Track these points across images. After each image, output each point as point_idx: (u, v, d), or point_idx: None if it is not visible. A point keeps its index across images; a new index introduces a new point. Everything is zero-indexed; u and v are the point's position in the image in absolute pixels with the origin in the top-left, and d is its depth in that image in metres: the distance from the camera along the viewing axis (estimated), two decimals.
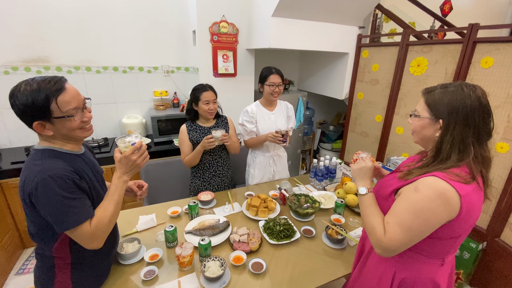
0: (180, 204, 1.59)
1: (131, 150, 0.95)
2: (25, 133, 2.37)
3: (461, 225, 0.75)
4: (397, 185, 0.83)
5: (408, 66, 2.14)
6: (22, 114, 0.79)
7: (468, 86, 0.76)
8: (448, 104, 0.76)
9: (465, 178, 0.73)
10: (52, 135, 0.85)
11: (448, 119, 0.76)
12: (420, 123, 0.83)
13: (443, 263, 0.83)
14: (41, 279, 0.92)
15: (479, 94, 0.74)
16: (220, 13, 2.31)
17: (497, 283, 1.77)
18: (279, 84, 1.74)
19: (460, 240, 0.80)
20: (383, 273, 0.89)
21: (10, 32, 2.12)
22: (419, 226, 0.73)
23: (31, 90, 0.77)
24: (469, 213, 0.73)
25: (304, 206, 1.48)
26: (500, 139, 1.65)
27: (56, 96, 0.80)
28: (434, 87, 0.83)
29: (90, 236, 0.84)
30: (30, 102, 0.77)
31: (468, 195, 0.72)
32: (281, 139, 1.69)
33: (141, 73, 2.62)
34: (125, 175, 0.96)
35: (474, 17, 4.23)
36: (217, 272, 1.05)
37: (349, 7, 2.22)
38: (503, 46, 1.59)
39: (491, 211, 1.75)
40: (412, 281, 0.84)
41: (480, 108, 0.74)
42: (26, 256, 2.10)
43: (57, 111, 0.81)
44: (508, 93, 1.59)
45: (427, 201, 0.72)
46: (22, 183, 0.81)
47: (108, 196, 0.92)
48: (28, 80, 0.80)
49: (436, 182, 0.72)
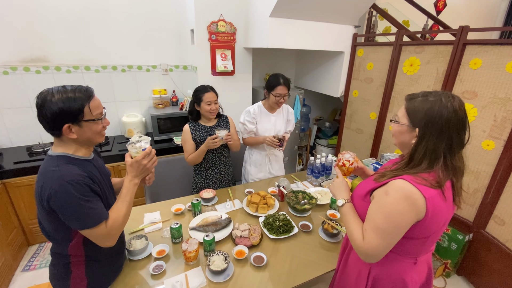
0: (183, 202, 1.66)
1: (142, 155, 1.01)
2: (25, 132, 2.39)
3: (429, 226, 0.79)
4: (371, 187, 0.88)
5: (402, 65, 2.21)
6: (55, 119, 0.85)
7: (447, 97, 0.77)
8: (425, 113, 0.78)
9: (431, 182, 0.77)
10: (74, 139, 0.91)
11: (424, 129, 0.78)
12: (399, 129, 0.86)
13: (415, 261, 0.88)
14: (57, 275, 0.99)
15: (457, 107, 0.76)
16: (218, 12, 2.34)
17: (482, 271, 1.89)
18: (285, 95, 1.77)
19: (430, 241, 0.85)
20: (361, 269, 0.96)
21: (9, 32, 2.12)
22: (392, 229, 0.77)
23: (67, 96, 0.86)
24: (435, 215, 0.77)
25: (302, 203, 1.56)
26: (486, 137, 1.74)
27: (89, 101, 0.89)
28: (416, 95, 0.84)
29: (106, 236, 0.91)
30: (67, 106, 0.85)
31: (433, 198, 0.76)
32: (278, 143, 1.75)
33: (140, 72, 2.64)
34: (136, 178, 1.02)
35: (467, 13, 4.31)
36: (221, 266, 1.12)
37: (345, 7, 2.27)
38: (491, 48, 1.67)
39: (477, 204, 1.86)
40: (384, 277, 0.90)
41: (456, 121, 0.75)
42: (31, 253, 2.15)
43: (88, 114, 0.90)
44: (494, 93, 1.68)
45: (395, 203, 0.76)
46: (39, 188, 0.85)
47: (121, 198, 0.99)
48: (58, 88, 0.87)
49: (403, 185, 0.77)
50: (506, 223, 1.71)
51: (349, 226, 0.90)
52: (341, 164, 1.13)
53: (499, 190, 1.71)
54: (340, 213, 0.97)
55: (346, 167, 1.12)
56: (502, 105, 1.65)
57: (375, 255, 0.82)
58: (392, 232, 0.78)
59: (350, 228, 0.89)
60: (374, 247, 0.80)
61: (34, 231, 2.19)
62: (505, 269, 1.72)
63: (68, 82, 2.54)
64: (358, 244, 0.84)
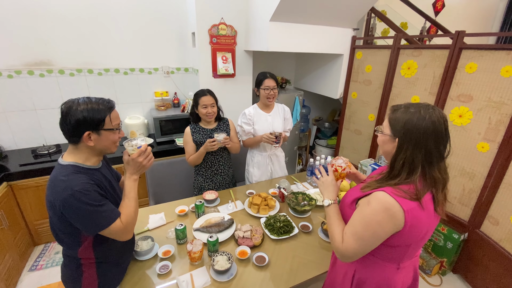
0: (186, 203, 1.71)
1: (137, 153, 1.05)
2: (29, 134, 2.43)
3: (408, 236, 0.82)
4: (357, 195, 0.92)
5: (399, 68, 2.25)
6: (78, 125, 0.92)
7: (427, 109, 0.80)
8: (404, 124, 0.81)
9: (411, 195, 0.79)
10: (91, 147, 0.97)
11: (403, 139, 0.81)
12: (382, 138, 0.90)
13: (398, 267, 0.92)
14: (70, 276, 1.04)
15: (435, 119, 0.78)
16: (218, 16, 2.37)
17: (477, 270, 1.94)
18: (274, 88, 1.84)
19: (412, 248, 0.88)
20: (347, 271, 1.01)
21: (13, 37, 2.16)
22: (369, 237, 0.82)
23: (91, 107, 0.94)
24: (414, 226, 0.80)
25: (302, 204, 1.61)
26: (481, 139, 1.79)
27: (110, 112, 0.98)
28: (399, 106, 0.87)
29: (124, 230, 0.98)
30: (91, 115, 0.93)
31: (412, 210, 0.79)
32: (274, 140, 1.79)
33: (142, 74, 2.68)
34: (134, 175, 1.07)
35: (465, 13, 4.34)
36: (225, 266, 1.17)
37: (344, 11, 2.30)
38: (486, 53, 1.71)
39: (472, 204, 1.91)
40: (367, 280, 0.95)
41: (433, 132, 0.77)
42: (37, 253, 2.20)
43: (109, 123, 0.98)
44: (489, 97, 1.72)
45: (375, 214, 0.80)
46: (51, 197, 0.90)
47: (125, 195, 1.04)
48: (83, 99, 0.95)
49: (384, 197, 0.80)
50: (500, 223, 1.76)
51: (331, 227, 0.95)
52: (334, 170, 1.14)
53: (493, 191, 1.76)
54: (325, 212, 1.02)
55: (338, 172, 1.15)
56: (496, 108, 1.70)
57: (351, 257, 0.88)
58: (369, 240, 0.83)
59: (331, 229, 0.94)
60: (350, 251, 0.86)
61: (40, 231, 2.24)
62: (499, 267, 1.78)
63: (72, 85, 2.58)
64: (337, 246, 0.90)
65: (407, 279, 0.98)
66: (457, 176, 1.96)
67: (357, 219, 0.86)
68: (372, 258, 0.93)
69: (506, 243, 1.74)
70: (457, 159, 1.94)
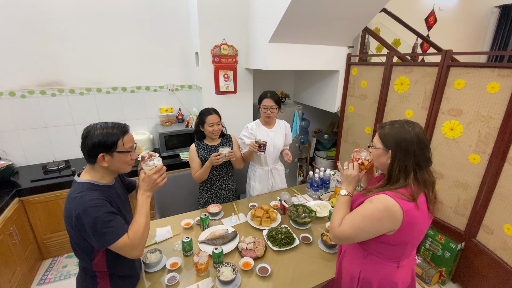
0: (191, 216, 1.78)
1: (153, 170, 1.14)
2: (40, 151, 2.53)
3: (406, 234, 0.94)
4: (360, 200, 1.04)
5: (393, 84, 2.36)
6: (94, 147, 1.01)
7: (409, 124, 0.98)
8: (394, 138, 0.97)
9: (408, 197, 0.93)
10: (105, 167, 1.05)
11: (395, 150, 0.96)
12: (376, 152, 1.04)
13: (398, 265, 1.03)
14: (85, 286, 1.11)
15: (417, 131, 0.96)
16: (221, 37, 2.52)
17: (475, 279, 1.98)
18: (271, 107, 1.94)
19: (410, 247, 1.01)
20: (354, 272, 1.11)
21: (26, 58, 2.29)
22: (364, 227, 0.95)
23: (107, 131, 1.02)
24: (411, 225, 0.92)
25: (302, 216, 1.68)
26: (472, 151, 1.87)
27: (123, 136, 1.05)
28: (385, 123, 1.04)
29: (131, 246, 1.02)
30: (105, 139, 1.01)
31: (410, 210, 0.91)
32: (257, 148, 1.85)
33: (148, 92, 2.81)
34: (147, 191, 1.14)
35: (457, 27, 4.52)
36: (230, 276, 1.24)
37: (338, 31, 2.45)
38: (473, 70, 1.82)
39: (467, 214, 1.97)
40: (371, 279, 1.06)
41: (417, 141, 0.94)
42: (45, 267, 2.25)
43: (121, 146, 1.05)
44: (477, 111, 1.82)
45: (375, 210, 0.93)
46: (67, 212, 0.99)
47: (138, 211, 1.11)
48: (101, 124, 1.04)
49: (386, 198, 0.92)
50: (495, 232, 1.82)
51: (336, 211, 1.08)
52: (360, 163, 1.16)
53: (486, 201, 1.83)
54: (338, 199, 1.12)
55: (365, 165, 1.17)
56: (485, 122, 1.79)
57: (342, 240, 1.03)
58: (363, 230, 0.96)
59: (335, 213, 1.08)
60: (345, 235, 1.00)
61: (48, 245, 2.30)
62: (496, 276, 1.82)
63: (81, 103, 2.70)
64: (333, 227, 1.04)
65: (406, 278, 1.07)
66: (452, 186, 2.03)
67: (358, 212, 0.99)
68: (373, 257, 1.04)
69: (501, 252, 1.79)
70: (451, 171, 2.01)
